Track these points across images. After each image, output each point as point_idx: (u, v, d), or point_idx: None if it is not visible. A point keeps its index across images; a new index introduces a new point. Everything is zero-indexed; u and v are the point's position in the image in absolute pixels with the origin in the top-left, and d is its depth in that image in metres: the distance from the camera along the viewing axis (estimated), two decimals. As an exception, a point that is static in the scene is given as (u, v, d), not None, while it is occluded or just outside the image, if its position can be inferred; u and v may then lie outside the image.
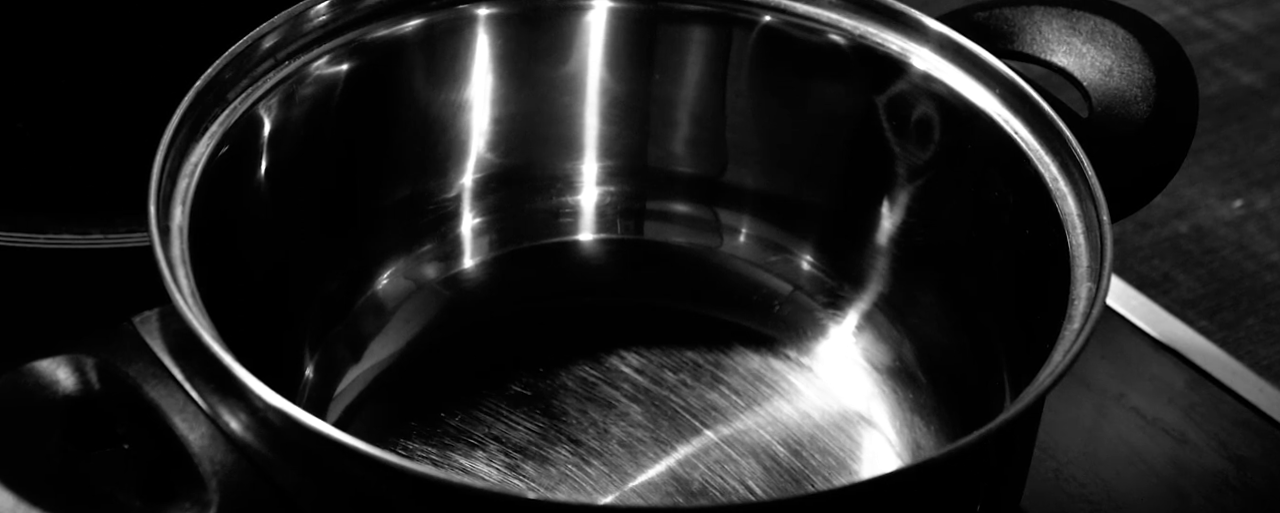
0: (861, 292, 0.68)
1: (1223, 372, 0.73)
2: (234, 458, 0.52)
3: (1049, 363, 0.54)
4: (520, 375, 0.65)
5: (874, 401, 0.65)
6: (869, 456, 0.64)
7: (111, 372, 0.53)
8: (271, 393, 0.50)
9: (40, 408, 0.52)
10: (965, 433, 0.51)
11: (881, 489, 0.51)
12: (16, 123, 0.75)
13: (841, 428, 0.64)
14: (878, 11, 0.65)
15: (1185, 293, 0.81)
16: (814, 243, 0.69)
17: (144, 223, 0.55)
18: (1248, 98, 0.92)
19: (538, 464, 0.62)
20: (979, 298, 0.64)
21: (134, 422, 0.53)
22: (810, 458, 0.63)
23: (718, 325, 0.67)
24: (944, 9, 0.66)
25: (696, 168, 0.70)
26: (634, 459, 0.62)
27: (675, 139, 0.70)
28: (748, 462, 0.63)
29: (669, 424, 0.64)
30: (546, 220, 0.70)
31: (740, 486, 0.62)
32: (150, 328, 0.54)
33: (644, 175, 0.70)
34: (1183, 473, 0.70)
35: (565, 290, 0.69)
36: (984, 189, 0.63)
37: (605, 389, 0.65)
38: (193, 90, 0.58)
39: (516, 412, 0.64)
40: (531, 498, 0.51)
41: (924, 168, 0.66)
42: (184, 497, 0.52)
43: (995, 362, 0.64)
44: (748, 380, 0.65)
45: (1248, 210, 0.85)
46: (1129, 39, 0.64)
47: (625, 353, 0.66)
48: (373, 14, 0.64)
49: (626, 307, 0.68)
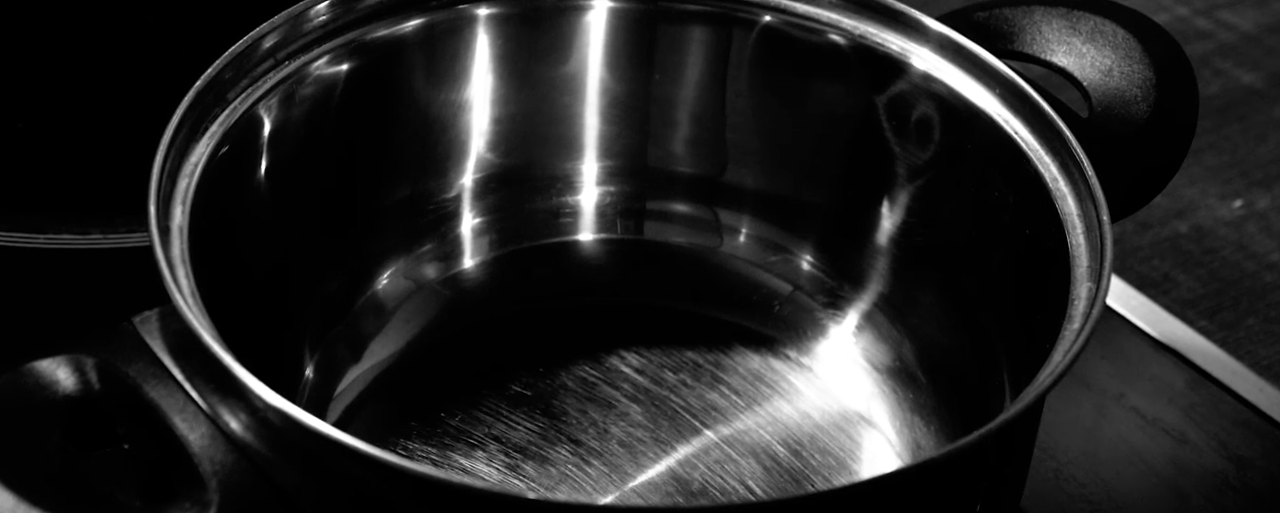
0: (861, 292, 0.68)
1: (1223, 372, 0.73)
2: (234, 458, 0.52)
3: (1049, 363, 0.54)
4: (520, 375, 0.65)
5: (874, 401, 0.65)
6: (869, 456, 0.64)
7: (111, 372, 0.53)
8: (271, 393, 0.50)
9: (40, 408, 0.52)
10: (965, 433, 0.51)
11: (881, 489, 0.51)
12: (16, 123, 0.75)
13: (841, 428, 0.64)
14: (878, 11, 0.65)
15: (1185, 293, 0.81)
16: (814, 243, 0.69)
17: (144, 223, 0.55)
18: (1248, 98, 0.92)
19: (538, 464, 0.62)
20: (979, 298, 0.64)
21: (134, 422, 0.53)
22: (810, 458, 0.63)
23: (718, 325, 0.67)
24: (944, 9, 0.66)
25: (696, 168, 0.70)
26: (634, 459, 0.62)
27: (675, 139, 0.70)
28: (748, 462, 0.63)
29: (669, 424, 0.64)
30: (546, 220, 0.70)
31: (740, 486, 0.62)
32: (150, 328, 0.54)
33: (644, 175, 0.70)
34: (1183, 473, 0.70)
35: (565, 290, 0.69)
36: (984, 189, 0.63)
37: (605, 389, 0.65)
38: (193, 90, 0.58)
39: (516, 412, 0.64)
40: (531, 498, 0.51)
41: (924, 168, 0.66)
42: (184, 497, 0.52)
43: (995, 362, 0.64)
44: (748, 381, 0.65)
45: (1248, 210, 0.85)
46: (1129, 39, 0.64)
47: (625, 353, 0.66)
48: (373, 14, 0.64)
49: (626, 307, 0.68)
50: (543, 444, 0.63)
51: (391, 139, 0.67)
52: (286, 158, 0.63)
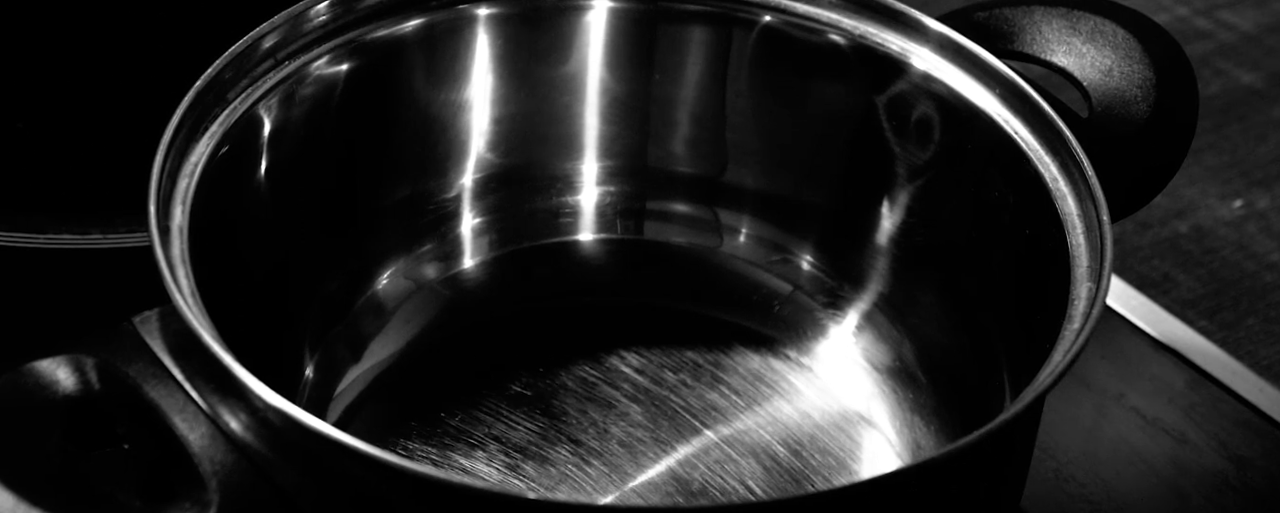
0: (861, 292, 0.68)
1: (1223, 372, 0.73)
2: (234, 458, 0.52)
3: (1049, 363, 0.54)
4: (520, 375, 0.65)
5: (874, 400, 0.65)
6: (869, 456, 0.64)
7: (111, 372, 0.53)
8: (271, 393, 0.50)
9: (40, 408, 0.52)
10: (965, 433, 0.51)
11: (881, 489, 0.51)
12: (16, 123, 0.75)
13: (841, 428, 0.64)
14: (878, 11, 0.65)
15: (1185, 293, 0.81)
16: (814, 243, 0.69)
17: (144, 223, 0.55)
18: (1248, 98, 0.92)
19: (538, 464, 0.62)
20: (979, 298, 0.64)
21: (134, 422, 0.53)
22: (810, 458, 0.63)
23: (718, 325, 0.67)
24: (944, 9, 0.66)
25: (696, 168, 0.70)
26: (634, 459, 0.62)
27: (675, 139, 0.70)
28: (748, 462, 0.63)
29: (669, 424, 0.64)
30: (546, 220, 0.70)
31: (740, 486, 0.62)
32: (150, 328, 0.54)
33: (644, 175, 0.70)
34: (1183, 473, 0.70)
35: (565, 290, 0.69)
36: (984, 189, 0.63)
37: (605, 389, 0.65)
38: (193, 90, 0.58)
39: (516, 412, 0.64)
40: (531, 498, 0.51)
41: (924, 168, 0.66)
42: (184, 497, 0.52)
43: (995, 362, 0.64)
44: (748, 380, 0.65)
45: (1248, 210, 0.85)
46: (1129, 39, 0.64)
47: (625, 353, 0.66)
48: (373, 14, 0.64)
49: (626, 307, 0.68)
50: (543, 444, 0.63)
51: (392, 139, 0.67)
52: (286, 158, 0.63)
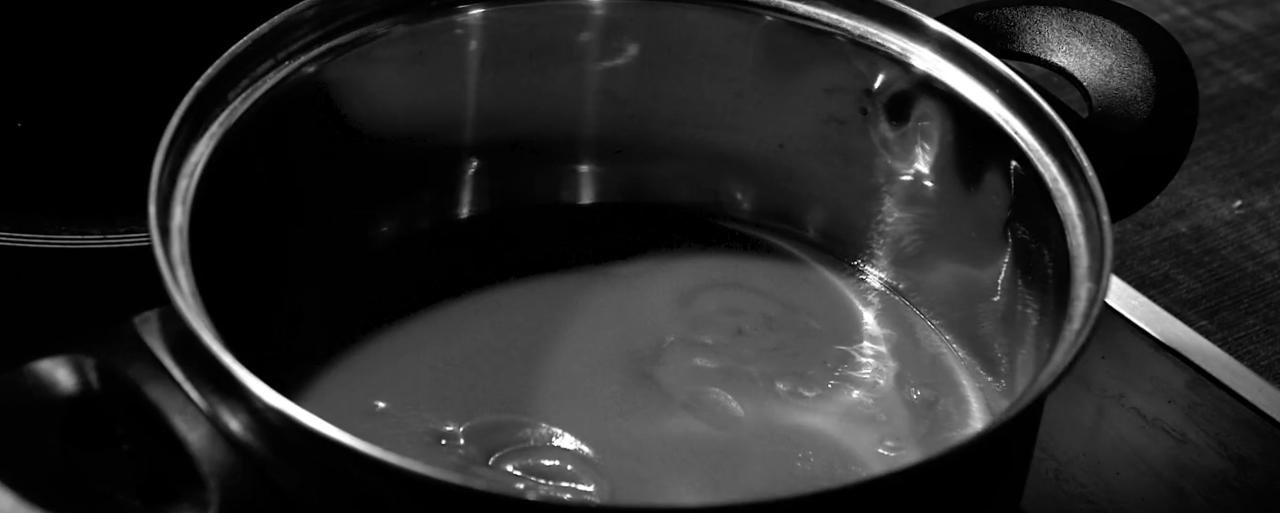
0: (861, 291, 0.68)
1: (1223, 372, 0.73)
2: (234, 458, 0.52)
3: (1049, 363, 0.54)
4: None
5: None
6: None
7: (111, 372, 0.53)
8: (272, 393, 0.50)
9: (40, 408, 0.52)
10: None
11: (882, 489, 0.51)
12: (16, 123, 0.75)
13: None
14: (878, 11, 0.65)
15: (1185, 293, 0.81)
16: (813, 242, 0.69)
17: (144, 223, 0.55)
18: (1248, 98, 0.92)
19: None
20: (979, 298, 0.64)
21: (134, 422, 0.53)
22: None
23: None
24: (944, 9, 0.66)
25: (696, 167, 0.70)
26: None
27: (675, 139, 0.70)
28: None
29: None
30: (546, 221, 0.70)
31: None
32: (150, 328, 0.54)
33: (643, 176, 0.70)
34: (1183, 473, 0.70)
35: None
36: (984, 190, 0.63)
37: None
38: (193, 90, 0.58)
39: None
40: (532, 499, 0.51)
41: (924, 168, 0.66)
42: (184, 497, 0.52)
43: (995, 362, 0.64)
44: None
45: (1248, 210, 0.85)
46: (1129, 39, 0.64)
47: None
48: (372, 14, 0.64)
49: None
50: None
51: (390, 139, 0.67)
52: (287, 157, 0.63)
